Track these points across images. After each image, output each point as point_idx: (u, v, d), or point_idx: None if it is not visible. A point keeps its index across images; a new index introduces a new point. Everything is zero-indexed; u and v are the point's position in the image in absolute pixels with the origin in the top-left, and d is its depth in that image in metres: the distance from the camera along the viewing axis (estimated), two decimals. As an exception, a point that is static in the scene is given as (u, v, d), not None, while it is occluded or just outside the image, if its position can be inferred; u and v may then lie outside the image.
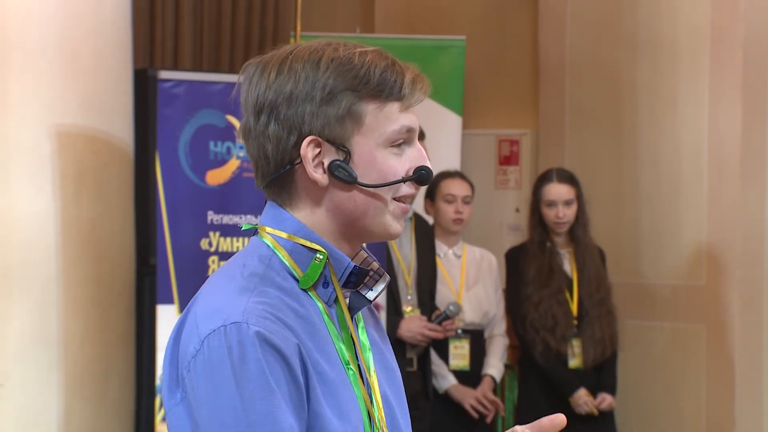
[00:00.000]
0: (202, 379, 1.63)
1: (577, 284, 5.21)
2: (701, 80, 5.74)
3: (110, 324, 4.63)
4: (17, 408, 4.32)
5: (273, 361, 1.61)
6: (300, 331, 1.66)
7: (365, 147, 1.72)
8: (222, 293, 1.69)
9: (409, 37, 6.68)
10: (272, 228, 1.75)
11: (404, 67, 1.74)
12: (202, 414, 1.63)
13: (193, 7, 6.04)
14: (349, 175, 1.70)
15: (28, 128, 4.37)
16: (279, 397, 1.60)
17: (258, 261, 1.72)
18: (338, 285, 1.74)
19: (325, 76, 1.70)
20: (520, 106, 6.88)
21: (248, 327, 1.62)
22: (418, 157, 1.76)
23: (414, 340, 4.94)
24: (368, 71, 1.70)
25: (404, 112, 1.74)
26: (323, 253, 1.72)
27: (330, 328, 1.72)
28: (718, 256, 5.67)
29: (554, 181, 5.17)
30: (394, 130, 1.72)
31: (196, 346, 1.65)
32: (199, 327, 1.66)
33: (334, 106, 1.70)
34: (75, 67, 4.48)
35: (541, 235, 5.20)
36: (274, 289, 1.69)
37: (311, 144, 1.70)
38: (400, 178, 1.73)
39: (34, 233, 4.37)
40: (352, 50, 1.72)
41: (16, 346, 4.33)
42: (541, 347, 5.12)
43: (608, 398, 5.18)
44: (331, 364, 1.69)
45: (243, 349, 1.61)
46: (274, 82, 1.72)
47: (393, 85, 1.71)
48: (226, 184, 4.93)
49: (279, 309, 1.66)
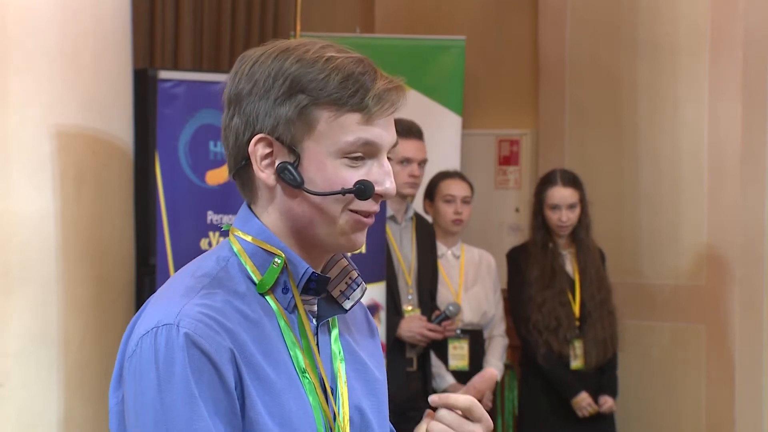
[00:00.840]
0: (132, 381, 1.62)
1: (579, 286, 5.21)
2: (701, 80, 5.74)
3: (110, 324, 4.62)
4: (17, 408, 4.32)
5: (200, 366, 1.59)
6: (243, 335, 1.63)
7: (316, 153, 1.66)
8: (169, 293, 1.67)
9: (408, 37, 6.68)
10: (239, 230, 1.74)
11: (378, 77, 1.67)
12: (129, 414, 1.63)
13: (193, 7, 6.04)
14: (294, 179, 1.66)
15: (28, 128, 4.37)
16: (200, 404, 1.58)
17: (215, 262, 1.70)
18: (297, 291, 1.70)
19: (285, 75, 1.65)
20: (520, 106, 6.88)
21: (178, 330, 1.60)
22: (379, 173, 1.68)
23: (414, 340, 4.94)
24: (328, 76, 1.65)
25: (366, 124, 1.66)
26: (281, 257, 1.68)
27: (286, 334, 1.68)
28: (718, 256, 5.67)
29: (558, 185, 5.17)
30: (347, 141, 1.65)
31: (132, 346, 1.64)
32: (139, 326, 1.65)
33: (287, 107, 1.65)
34: (75, 67, 4.48)
35: (543, 237, 5.20)
36: (223, 291, 1.66)
37: (260, 143, 1.68)
38: (340, 189, 1.65)
39: (34, 233, 4.37)
40: (324, 52, 1.67)
41: (16, 345, 4.32)
42: (544, 350, 5.12)
43: (609, 401, 5.18)
44: (279, 371, 1.65)
45: (169, 353, 1.59)
46: (245, 75, 1.69)
47: (352, 95, 1.64)
48: (226, 184, 4.93)
49: (221, 312, 1.63)
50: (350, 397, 1.74)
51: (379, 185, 1.68)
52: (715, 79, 5.69)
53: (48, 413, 4.38)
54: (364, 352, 1.82)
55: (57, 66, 4.43)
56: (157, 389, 1.59)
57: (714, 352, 5.68)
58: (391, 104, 1.67)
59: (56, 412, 4.39)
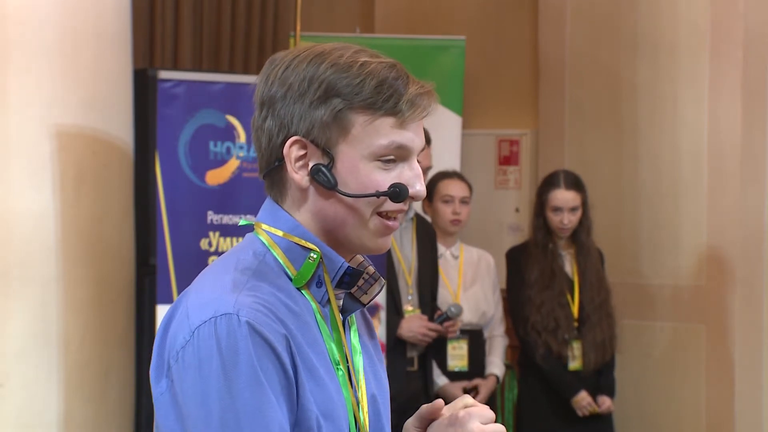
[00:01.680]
0: (191, 371, 1.64)
1: (579, 287, 5.21)
2: (701, 80, 5.73)
3: (110, 324, 4.63)
4: (17, 408, 4.32)
5: (263, 353, 1.62)
6: (291, 327, 1.67)
7: (350, 156, 1.70)
8: (215, 286, 1.69)
9: (408, 37, 6.68)
10: (268, 225, 1.76)
11: (410, 82, 1.71)
12: (189, 405, 1.64)
13: (192, 7, 6.04)
14: (328, 181, 1.70)
15: (28, 128, 4.37)
16: (268, 391, 1.61)
17: (252, 256, 1.73)
18: (331, 285, 1.74)
19: (320, 80, 1.69)
20: (520, 106, 6.88)
21: (239, 319, 1.62)
22: (410, 176, 1.73)
23: (415, 340, 4.94)
24: (363, 81, 1.69)
25: (399, 128, 1.71)
26: (317, 252, 1.72)
27: (322, 327, 1.72)
28: (718, 257, 5.67)
29: (561, 187, 5.16)
30: (381, 145, 1.70)
31: (186, 337, 1.65)
32: (190, 318, 1.67)
33: (322, 111, 1.69)
34: (75, 67, 4.48)
35: (544, 238, 5.20)
36: (267, 284, 1.69)
37: (295, 145, 1.71)
38: (375, 192, 1.70)
39: (34, 233, 4.37)
40: (357, 57, 1.71)
41: (16, 345, 4.32)
42: (542, 350, 5.12)
43: (607, 401, 5.18)
44: (322, 363, 1.69)
45: (233, 341, 1.62)
46: (278, 78, 1.72)
47: (387, 100, 1.69)
48: (225, 184, 4.93)
49: (271, 303, 1.67)
50: (367, 388, 1.78)
51: (411, 187, 1.73)
52: (715, 79, 5.68)
53: (48, 413, 4.38)
54: (371, 348, 1.87)
55: (57, 66, 4.43)
56: (223, 378, 1.61)
57: (714, 352, 5.68)
58: (423, 109, 1.72)
59: (56, 411, 4.39)
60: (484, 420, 1.70)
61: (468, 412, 1.70)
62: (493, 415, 1.71)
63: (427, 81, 1.75)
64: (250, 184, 4.91)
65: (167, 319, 1.72)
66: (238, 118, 4.94)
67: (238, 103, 4.95)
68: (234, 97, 4.95)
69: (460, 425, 1.68)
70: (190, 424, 1.64)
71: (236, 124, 4.94)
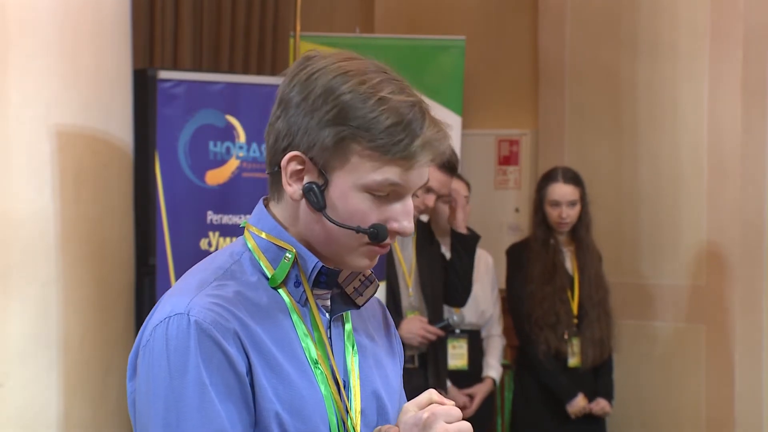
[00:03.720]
0: (144, 369, 1.67)
1: (578, 284, 5.21)
2: (701, 80, 5.74)
3: (110, 324, 4.62)
4: (17, 408, 4.32)
5: (210, 353, 1.63)
6: (253, 324, 1.68)
7: (343, 183, 1.68)
8: (182, 286, 1.72)
9: (408, 37, 6.67)
10: (254, 226, 1.77)
11: (426, 124, 1.68)
12: (141, 402, 1.68)
13: (192, 7, 6.03)
14: (317, 202, 1.69)
15: (27, 128, 4.37)
16: (210, 391, 1.63)
17: (228, 256, 1.75)
18: (307, 284, 1.74)
19: (335, 101, 1.66)
20: (520, 106, 6.88)
21: (189, 318, 1.65)
22: (400, 211, 1.71)
23: (414, 342, 4.94)
24: (377, 118, 1.66)
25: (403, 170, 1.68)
26: (292, 252, 1.73)
27: (298, 326, 1.72)
28: (718, 256, 5.67)
29: (559, 181, 5.17)
30: (375, 180, 1.67)
31: (147, 337, 1.69)
32: (152, 317, 1.71)
33: (327, 133, 1.67)
34: (74, 67, 4.48)
35: (544, 233, 5.20)
36: (235, 282, 1.71)
37: (294, 160, 1.70)
38: (356, 227, 1.68)
39: (34, 233, 4.36)
40: (381, 88, 1.67)
41: (16, 346, 4.32)
42: (544, 346, 5.12)
43: (602, 402, 5.17)
44: (291, 361, 1.69)
45: (180, 342, 1.64)
46: (301, 82, 1.70)
47: (398, 143, 1.66)
48: (225, 184, 4.93)
49: (230, 301, 1.68)
50: (365, 386, 1.78)
51: (396, 222, 1.71)
52: (715, 79, 5.68)
53: (47, 413, 4.38)
54: (381, 347, 1.86)
55: (56, 66, 4.43)
56: (168, 377, 1.63)
57: (714, 352, 5.68)
58: (435, 155, 1.69)
59: (56, 411, 4.39)
60: (450, 419, 1.66)
61: (433, 413, 1.66)
62: (460, 413, 1.68)
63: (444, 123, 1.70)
64: (250, 184, 4.91)
65: (147, 319, 1.74)
66: (238, 118, 4.94)
67: (237, 103, 4.95)
68: (234, 97, 4.95)
69: (426, 427, 1.66)
70: (140, 422, 1.69)
71: (236, 124, 4.94)
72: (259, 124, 4.98)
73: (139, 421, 1.70)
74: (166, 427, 1.63)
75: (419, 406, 1.70)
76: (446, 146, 1.70)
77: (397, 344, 1.92)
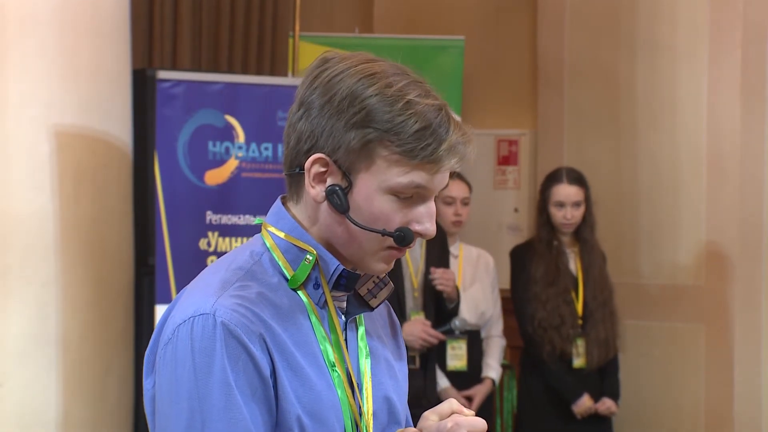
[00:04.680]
0: (167, 369, 1.66)
1: (583, 284, 5.21)
2: (700, 80, 5.74)
3: (109, 324, 4.62)
4: (17, 408, 4.32)
5: (236, 355, 1.63)
6: (275, 325, 1.67)
7: (368, 185, 1.68)
8: (204, 285, 1.71)
9: (407, 37, 6.68)
10: (272, 226, 1.76)
11: (452, 128, 1.67)
12: (163, 402, 1.66)
13: (191, 7, 6.03)
14: (341, 205, 1.69)
15: (26, 128, 4.37)
16: (236, 393, 1.62)
17: (248, 256, 1.74)
18: (327, 287, 1.73)
19: (362, 104, 1.66)
20: (519, 107, 6.88)
21: (215, 319, 1.64)
22: (423, 213, 1.70)
23: (416, 344, 4.93)
24: (405, 122, 1.65)
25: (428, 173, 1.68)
26: (313, 254, 1.72)
27: (317, 328, 1.72)
28: (718, 256, 5.67)
29: (564, 182, 5.16)
30: (401, 183, 1.67)
31: (168, 335, 1.67)
32: (174, 316, 1.69)
33: (353, 135, 1.67)
34: (74, 67, 4.48)
35: (548, 234, 5.19)
36: (257, 283, 1.70)
37: (317, 163, 1.69)
38: (381, 229, 1.68)
39: (33, 233, 4.36)
40: (407, 91, 1.67)
41: (16, 346, 4.32)
42: (549, 348, 5.11)
43: (608, 402, 5.17)
44: (310, 363, 1.69)
45: (206, 342, 1.63)
46: (323, 84, 1.69)
47: (425, 148, 1.66)
48: (224, 184, 4.93)
49: (254, 303, 1.67)
50: (377, 390, 1.78)
51: (420, 225, 1.71)
52: (714, 79, 5.68)
53: (47, 413, 4.38)
54: (389, 349, 1.86)
55: (56, 66, 4.43)
56: (194, 378, 1.62)
57: (713, 352, 5.68)
58: (461, 158, 1.69)
59: (55, 411, 4.39)
60: (474, 430, 1.67)
61: (457, 423, 1.67)
62: (484, 425, 1.68)
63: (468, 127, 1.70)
64: (249, 184, 4.91)
65: (163, 317, 1.73)
66: (237, 118, 4.94)
67: (237, 103, 4.94)
68: (233, 97, 4.95)
69: None
70: (160, 421, 1.67)
71: (235, 124, 4.94)
72: (259, 124, 4.99)
73: (159, 422, 1.68)
74: (190, 429, 1.62)
75: (440, 416, 1.71)
76: (471, 150, 1.69)
77: (403, 345, 1.92)
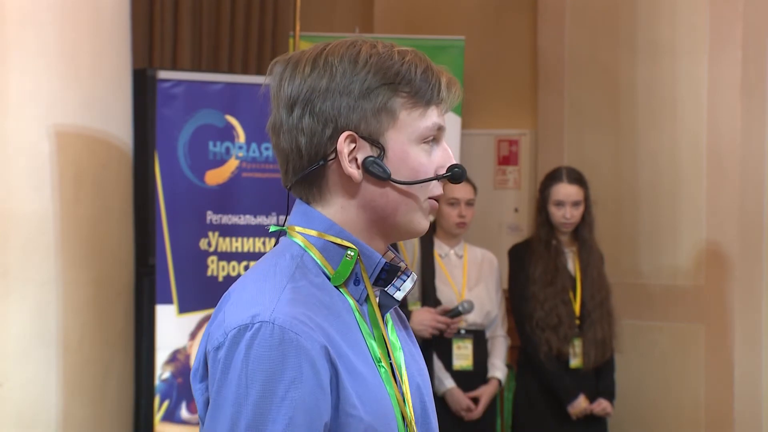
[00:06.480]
0: (218, 374, 1.63)
1: (581, 284, 5.21)
2: (700, 80, 5.74)
3: (109, 324, 4.62)
4: (16, 408, 4.32)
5: (294, 364, 1.60)
6: (331, 328, 1.66)
7: (398, 143, 1.71)
8: (253, 289, 1.68)
9: (407, 37, 6.67)
10: (302, 227, 1.74)
11: (439, 70, 1.75)
12: (213, 405, 1.64)
13: (192, 7, 6.03)
14: (384, 172, 1.70)
15: (27, 128, 4.37)
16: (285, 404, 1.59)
17: (290, 259, 1.71)
18: (369, 282, 1.73)
19: (365, 71, 1.70)
20: (519, 106, 6.88)
21: (273, 326, 1.61)
22: (445, 155, 1.76)
23: (426, 333, 4.94)
24: (410, 70, 1.71)
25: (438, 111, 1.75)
26: (354, 250, 1.71)
27: (362, 325, 1.71)
28: (718, 256, 5.67)
29: (564, 182, 5.16)
30: (426, 127, 1.72)
31: (220, 339, 1.64)
32: (227, 320, 1.66)
33: (371, 101, 1.70)
34: (74, 67, 4.48)
35: (547, 234, 5.20)
36: (307, 284, 1.69)
37: (347, 139, 1.70)
38: (432, 176, 1.73)
39: (33, 233, 4.37)
40: (391, 48, 1.73)
41: (16, 346, 4.32)
42: (546, 348, 5.11)
43: (603, 403, 5.17)
44: (363, 362, 1.68)
45: (266, 351, 1.60)
46: (309, 76, 1.71)
47: (433, 88, 1.72)
48: (225, 184, 4.93)
49: (310, 306, 1.65)
50: (411, 380, 1.78)
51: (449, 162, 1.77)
52: (714, 79, 5.68)
53: (47, 413, 4.38)
54: (409, 340, 1.87)
55: (56, 66, 4.43)
56: (245, 386, 1.60)
57: (713, 352, 5.68)
58: (456, 94, 1.76)
59: (55, 411, 4.39)
60: None
61: None
62: None
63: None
64: (250, 184, 4.91)
65: (210, 321, 1.71)
66: (238, 118, 4.94)
67: (237, 103, 4.95)
68: (233, 97, 4.95)
69: None
70: (207, 424, 1.65)
71: (235, 124, 4.95)
72: (259, 124, 4.98)
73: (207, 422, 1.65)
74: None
75: None
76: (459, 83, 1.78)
77: (412, 334, 1.92)
